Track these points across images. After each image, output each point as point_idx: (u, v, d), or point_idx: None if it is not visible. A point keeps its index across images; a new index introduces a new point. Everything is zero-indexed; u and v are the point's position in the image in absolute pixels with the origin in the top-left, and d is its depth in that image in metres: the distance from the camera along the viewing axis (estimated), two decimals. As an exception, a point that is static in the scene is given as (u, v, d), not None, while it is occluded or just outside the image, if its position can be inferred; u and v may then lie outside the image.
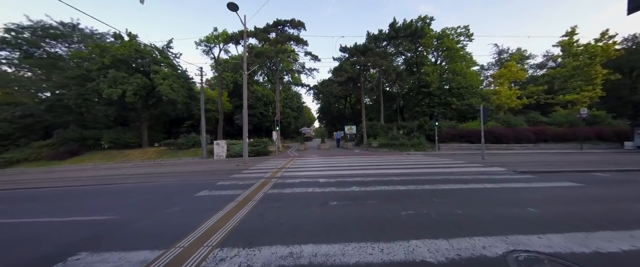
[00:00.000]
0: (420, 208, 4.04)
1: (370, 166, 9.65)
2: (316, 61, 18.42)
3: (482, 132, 11.88)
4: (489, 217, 3.59)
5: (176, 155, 18.90)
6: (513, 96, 26.97)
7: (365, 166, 9.49)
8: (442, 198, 4.64)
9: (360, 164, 10.09)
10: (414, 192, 5.19)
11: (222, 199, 5.04)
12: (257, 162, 12.80)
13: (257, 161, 13.68)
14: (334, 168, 9.17)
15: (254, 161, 13.21)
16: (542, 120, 21.44)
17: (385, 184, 6.01)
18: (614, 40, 28.78)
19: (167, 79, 18.69)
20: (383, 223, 3.44)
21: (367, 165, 9.83)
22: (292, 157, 14.97)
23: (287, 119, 35.39)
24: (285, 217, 3.78)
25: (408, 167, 9.04)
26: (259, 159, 14.42)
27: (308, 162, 11.80)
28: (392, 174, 7.42)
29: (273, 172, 8.61)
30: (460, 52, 27.85)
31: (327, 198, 4.81)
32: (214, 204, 4.63)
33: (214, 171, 9.88)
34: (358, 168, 9.01)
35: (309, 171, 8.72)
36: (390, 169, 8.49)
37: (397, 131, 19.22)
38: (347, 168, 9.08)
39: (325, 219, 3.64)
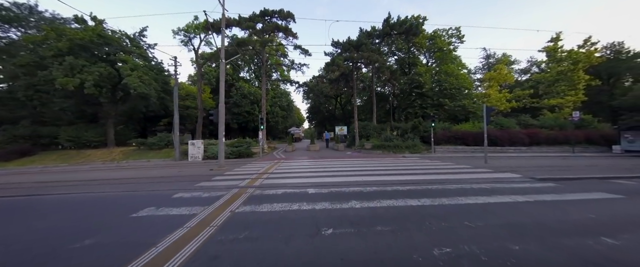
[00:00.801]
0: (455, 240, 2.75)
1: (366, 170, 8.37)
2: (306, 55, 17.10)
3: (485, 133, 11.00)
4: (563, 256, 2.36)
5: (145, 156, 16.72)
6: (503, 99, 27.02)
7: (362, 171, 8.20)
8: (476, 220, 3.39)
9: (356, 169, 8.79)
10: (433, 210, 3.91)
11: (168, 223, 3.50)
12: (236, 165, 11.16)
13: (237, 163, 12.03)
14: (325, 174, 7.79)
15: (232, 164, 11.56)
16: (532, 123, 21.37)
17: (391, 196, 4.71)
18: (595, 47, 29.80)
19: (137, 70, 16.49)
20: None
21: (363, 170, 8.54)
22: (278, 159, 13.45)
23: (275, 119, 33.61)
24: (252, 263, 2.34)
25: (410, 172, 7.84)
26: (239, 162, 12.77)
27: (295, 166, 10.34)
28: (396, 183, 6.15)
29: (251, 179, 7.08)
30: (452, 53, 27.57)
31: (318, 222, 3.42)
32: (150, 233, 3.10)
33: (179, 177, 8.17)
34: (353, 173, 7.70)
35: (295, 177, 7.28)
36: (391, 176, 7.24)
37: (391, 132, 18.22)
38: (341, 173, 7.74)
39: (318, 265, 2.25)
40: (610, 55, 32.45)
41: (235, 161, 13.60)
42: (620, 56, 32.41)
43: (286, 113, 35.77)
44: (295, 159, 13.85)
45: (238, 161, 13.34)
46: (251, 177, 7.45)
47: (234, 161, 13.59)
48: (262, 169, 9.41)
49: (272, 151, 19.27)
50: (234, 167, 10.20)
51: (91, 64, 16.01)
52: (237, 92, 29.82)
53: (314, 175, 7.58)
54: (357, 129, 19.14)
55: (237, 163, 12.42)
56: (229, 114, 32.74)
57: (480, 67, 43.46)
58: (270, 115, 33.58)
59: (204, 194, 5.22)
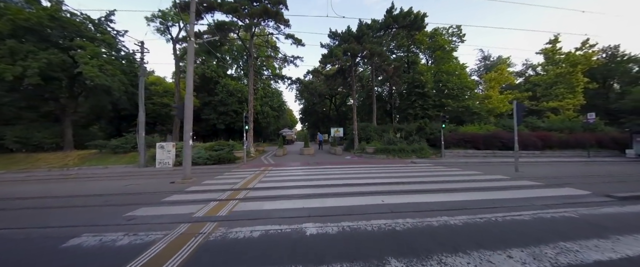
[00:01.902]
0: None
1: (380, 183, 6.30)
2: (299, 45, 14.99)
3: (516, 136, 9.25)
4: None
5: (106, 161, 14.00)
6: (505, 100, 25.94)
7: (375, 184, 6.12)
8: None
9: (365, 181, 6.70)
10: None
11: None
12: (210, 175, 8.84)
13: (213, 172, 9.70)
14: (327, 190, 5.65)
15: (205, 174, 9.23)
16: (540, 126, 20.15)
17: (450, 242, 2.64)
18: (593, 50, 29.45)
19: (98, 59, 13.82)
20: None
21: (376, 183, 6.47)
22: (266, 166, 11.19)
23: (266, 119, 31.19)
24: None
25: (439, 187, 5.83)
26: (216, 170, 10.42)
27: (286, 175, 8.15)
28: (437, 208, 4.09)
29: (220, 202, 4.84)
30: (452, 53, 26.31)
31: None
32: None
33: (120, 196, 5.79)
34: (366, 189, 5.59)
35: (285, 197, 5.10)
36: (420, 194, 5.19)
37: (394, 134, 16.34)
38: (349, 189, 5.62)
39: None
40: (605, 59, 32.34)
41: (214, 168, 11.22)
42: (615, 60, 32.33)
43: (278, 114, 33.36)
44: (287, 165, 11.63)
45: (216, 169, 10.98)
46: (221, 197, 5.20)
47: (212, 168, 11.21)
48: (242, 181, 7.16)
49: (260, 154, 16.94)
50: (205, 179, 7.89)
51: (40, 51, 13.21)
52: (222, 90, 27.24)
53: (311, 193, 5.42)
54: (356, 130, 17.15)
55: (213, 171, 10.08)
56: (214, 113, 30.07)
57: (476, 69, 42.93)
58: (260, 116, 31.14)
59: (124, 239, 2.95)
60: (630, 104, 25.17)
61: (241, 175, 8.46)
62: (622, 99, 28.26)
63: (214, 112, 28.77)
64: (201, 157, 12.05)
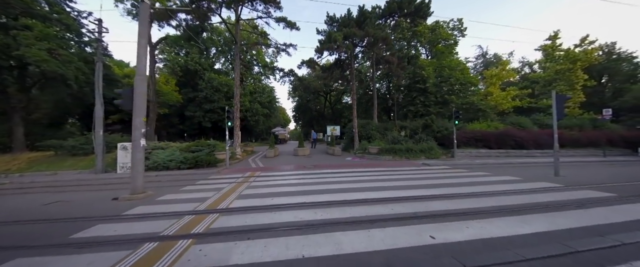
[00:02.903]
0: None
1: (406, 198, 4.52)
2: (292, 29, 13.05)
3: (555, 132, 7.76)
4: None
5: (60, 165, 11.64)
6: (507, 97, 24.95)
7: (399, 201, 4.32)
8: None
9: (383, 193, 4.90)
10: None
11: None
12: (177, 184, 6.84)
13: (183, 180, 7.69)
14: (335, 214, 3.80)
15: (173, 183, 7.23)
16: (547, 123, 19.10)
17: None
18: (593, 47, 28.98)
19: (49, 42, 11.40)
20: None
21: (400, 197, 4.68)
22: (252, 171, 9.26)
23: (255, 117, 28.98)
24: None
25: (496, 207, 4.12)
26: (190, 177, 8.41)
27: (275, 185, 6.26)
28: (534, 258, 2.33)
29: (161, 242, 2.91)
30: (455, 47, 25.03)
31: None
32: None
33: (29, 225, 3.75)
34: (393, 213, 3.78)
35: (271, 230, 3.22)
36: (480, 221, 3.43)
37: (398, 133, 14.73)
38: (370, 214, 3.77)
39: None
40: (602, 56, 32.10)
41: (188, 173, 9.18)
42: (612, 57, 32.14)
43: (268, 111, 31.17)
44: (278, 169, 9.74)
45: (190, 175, 8.95)
46: (169, 231, 3.28)
47: (186, 174, 9.17)
48: (216, 195, 5.24)
49: (248, 156, 14.92)
50: (166, 191, 5.90)
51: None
52: (207, 85, 24.87)
53: (314, 220, 3.56)
54: (356, 128, 15.41)
55: (185, 179, 8.07)
56: (200, 111, 27.64)
57: (473, 67, 42.21)
58: (249, 113, 28.93)
59: None
60: (631, 101, 24.69)
61: (218, 184, 6.52)
62: (620, 96, 27.88)
63: (199, 109, 26.38)
64: (174, 161, 9.97)
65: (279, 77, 16.87)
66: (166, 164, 9.91)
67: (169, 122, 30.62)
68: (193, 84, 28.82)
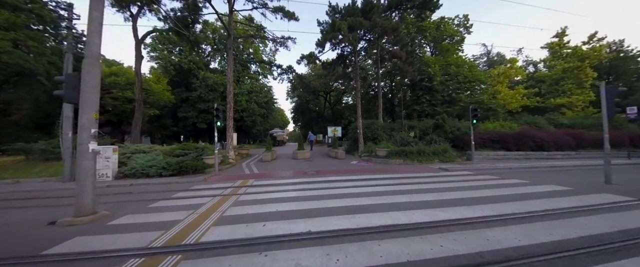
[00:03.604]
0: None
1: (449, 225, 3.22)
2: (290, 20, 11.83)
3: (606, 131, 6.55)
4: None
5: (28, 172, 10.23)
6: (516, 96, 23.88)
7: (445, 230, 3.02)
8: None
9: (416, 215, 3.60)
10: None
11: None
12: (149, 197, 5.51)
13: (158, 191, 6.35)
14: (358, 251, 2.49)
15: (144, 195, 5.90)
16: (563, 123, 17.97)
17: None
18: (601, 44, 28.03)
19: (16, 32, 10.06)
20: None
21: (441, 221, 3.39)
22: (244, 179, 7.94)
23: (252, 117, 27.62)
24: None
25: (563, 233, 2.84)
26: (169, 186, 7.08)
27: (270, 200, 4.94)
28: None
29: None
30: (462, 43, 23.97)
31: None
32: None
33: None
34: (443, 249, 2.48)
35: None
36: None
37: (407, 133, 13.49)
38: (411, 248, 2.46)
39: None
40: (610, 54, 31.19)
41: (169, 182, 7.85)
42: (620, 55, 31.19)
43: (266, 111, 29.82)
44: (275, 176, 8.44)
45: (171, 183, 7.63)
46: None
47: (167, 182, 7.84)
48: (190, 217, 3.92)
49: (243, 160, 13.58)
50: (130, 207, 4.59)
51: None
52: (201, 84, 23.53)
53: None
54: (361, 129, 14.14)
55: (164, 188, 6.74)
56: (193, 111, 26.26)
57: (476, 66, 41.24)
58: (246, 114, 27.59)
59: None
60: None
61: (198, 199, 5.20)
62: (631, 95, 26.84)
63: (192, 110, 25.02)
64: (154, 167, 8.63)
65: (277, 74, 15.62)
66: (145, 170, 8.57)
67: (161, 124, 29.21)
68: (187, 83, 27.49)
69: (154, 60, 26.05)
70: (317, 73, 31.60)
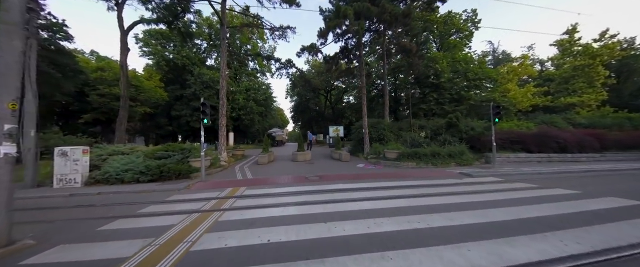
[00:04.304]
0: None
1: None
2: (292, 5, 10.62)
3: None
4: None
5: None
6: (528, 94, 22.77)
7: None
8: None
9: (478, 256, 2.41)
10: None
11: None
12: (106, 216, 4.27)
13: (124, 203, 5.12)
14: None
15: (103, 213, 4.67)
16: (581, 122, 16.85)
17: None
18: (613, 41, 26.94)
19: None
20: None
21: None
22: (234, 187, 6.73)
23: (250, 115, 26.36)
24: None
25: None
26: (140, 197, 5.86)
27: (261, 226, 3.72)
28: None
29: None
30: (471, 38, 22.84)
31: None
32: None
33: None
34: None
35: None
36: None
37: (418, 133, 12.33)
38: None
39: None
40: (622, 52, 30.13)
41: (146, 189, 6.64)
42: (631, 53, 30.12)
43: (265, 109, 28.55)
44: (271, 182, 7.25)
45: (145, 192, 6.42)
46: None
47: (142, 189, 6.62)
48: (145, 252, 2.71)
49: (237, 162, 12.36)
50: (69, 234, 3.39)
51: None
52: (196, 80, 22.29)
53: None
54: (366, 128, 12.96)
55: (134, 199, 5.53)
56: (187, 109, 24.98)
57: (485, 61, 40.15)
58: (243, 112, 26.35)
59: None
60: (663, 99, 22.55)
61: (169, 218, 4.00)
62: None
63: (187, 108, 23.78)
64: (131, 171, 7.41)
65: (276, 68, 14.40)
66: (120, 175, 7.36)
67: (156, 123, 27.95)
68: (181, 80, 26.23)
69: (147, 56, 24.80)
70: (318, 70, 30.40)
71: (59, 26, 13.40)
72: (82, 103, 19.06)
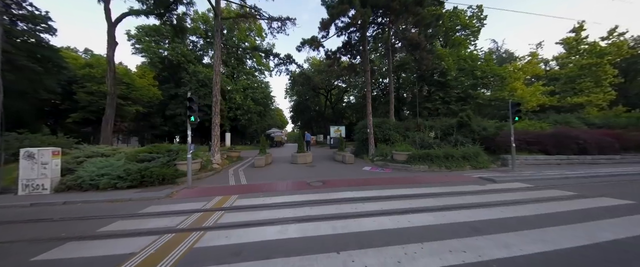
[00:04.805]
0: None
1: None
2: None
3: None
4: None
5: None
6: (536, 93, 22.00)
7: None
8: None
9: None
10: None
11: None
12: (58, 237, 3.30)
13: (87, 218, 4.15)
14: None
15: (56, 229, 3.68)
16: (594, 122, 16.07)
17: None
18: (621, 39, 26.25)
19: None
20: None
21: None
22: (224, 195, 5.82)
23: (248, 115, 25.42)
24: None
25: None
26: (110, 209, 4.94)
27: (251, 259, 2.81)
28: None
29: None
30: (477, 35, 22.05)
31: None
32: None
33: None
34: None
35: None
36: None
37: (427, 133, 11.46)
38: None
39: None
40: (631, 50, 29.45)
41: (121, 197, 5.72)
42: (638, 52, 29.45)
43: (263, 109, 27.63)
44: (267, 191, 6.35)
45: (124, 200, 5.52)
46: None
47: (117, 198, 5.70)
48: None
49: (231, 164, 11.44)
50: (5, 260, 2.46)
51: None
52: (191, 78, 21.36)
53: None
54: (371, 128, 12.09)
55: (100, 212, 4.61)
56: (182, 108, 24.01)
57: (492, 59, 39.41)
58: (241, 112, 25.42)
59: None
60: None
61: (136, 240, 3.11)
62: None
63: (181, 107, 22.83)
64: (107, 176, 6.49)
65: (274, 64, 13.50)
66: (95, 180, 6.43)
67: (150, 123, 26.96)
68: (176, 79, 25.28)
69: (140, 53, 23.82)
70: (318, 69, 29.52)
71: (41, 18, 12.48)
72: (73, 102, 18.09)
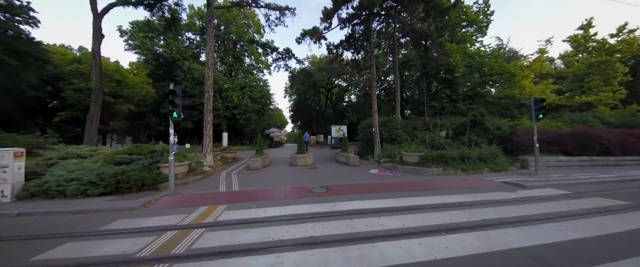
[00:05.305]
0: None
1: None
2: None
3: None
4: None
5: None
6: (545, 91, 21.19)
7: None
8: None
9: None
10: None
11: None
12: None
13: (38, 236, 3.24)
14: None
15: None
16: (610, 122, 15.24)
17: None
18: (632, 36, 25.45)
19: None
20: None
21: None
22: (210, 205, 4.93)
23: (246, 114, 24.50)
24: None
25: None
26: (79, 217, 4.01)
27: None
28: None
29: None
30: (485, 30, 21.22)
31: None
32: None
33: None
34: None
35: None
36: None
37: (438, 133, 10.59)
38: None
39: None
40: (638, 48, 28.63)
41: (92, 206, 4.84)
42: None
43: (261, 107, 26.71)
44: (261, 202, 5.48)
45: (91, 211, 4.63)
46: None
47: (84, 208, 4.82)
48: None
49: (224, 166, 10.53)
50: None
51: None
52: (186, 76, 20.46)
53: None
54: (376, 127, 11.22)
55: (60, 227, 3.70)
56: (177, 108, 23.14)
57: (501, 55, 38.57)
58: (238, 111, 24.51)
59: None
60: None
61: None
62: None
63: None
64: (77, 181, 5.60)
65: (273, 59, 12.64)
66: (62, 186, 5.54)
67: (144, 123, 26.03)
68: (172, 77, 24.34)
69: (133, 50, 22.91)
70: (318, 67, 28.64)
71: (20, 8, 11.58)
72: (62, 100, 17.19)
